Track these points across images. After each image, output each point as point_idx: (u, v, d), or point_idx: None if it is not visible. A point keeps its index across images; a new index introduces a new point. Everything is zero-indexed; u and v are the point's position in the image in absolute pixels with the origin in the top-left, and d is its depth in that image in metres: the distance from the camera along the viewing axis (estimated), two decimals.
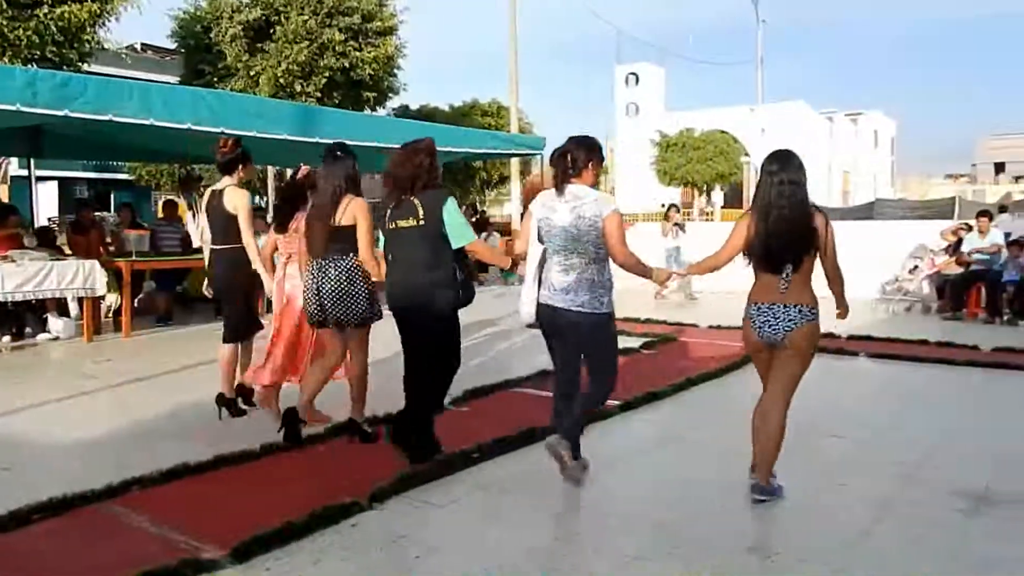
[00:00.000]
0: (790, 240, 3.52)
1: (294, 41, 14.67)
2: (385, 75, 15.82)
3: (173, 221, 11.05)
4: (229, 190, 5.12)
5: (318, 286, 4.33)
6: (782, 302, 3.58)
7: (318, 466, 4.25)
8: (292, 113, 8.88)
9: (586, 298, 3.70)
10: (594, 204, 3.68)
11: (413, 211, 3.95)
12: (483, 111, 20.58)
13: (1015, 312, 9.68)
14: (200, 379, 6.61)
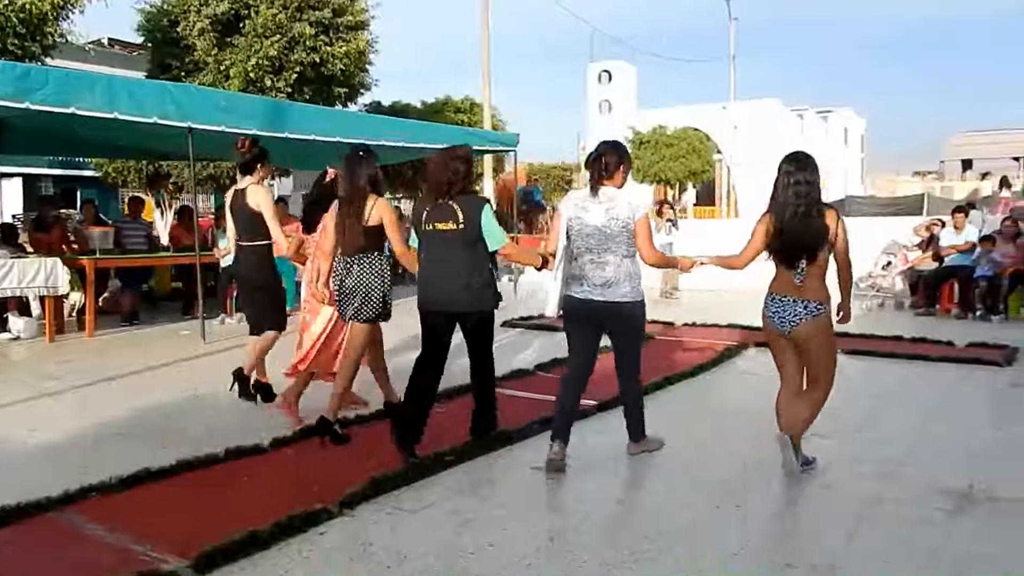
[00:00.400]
0: (804, 236, 3.75)
1: (264, 35, 14.36)
2: (356, 70, 15.54)
3: (139, 218, 10.77)
4: (251, 188, 5.30)
5: (341, 281, 4.49)
6: (795, 295, 3.83)
7: (286, 471, 4.09)
8: (261, 108, 8.67)
9: (627, 288, 3.97)
10: (627, 207, 3.94)
11: (453, 215, 4.11)
12: (456, 108, 20.34)
13: (987, 307, 9.75)
14: (165, 380, 6.43)
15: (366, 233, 4.41)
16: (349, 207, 4.45)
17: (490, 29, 18.44)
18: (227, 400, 5.69)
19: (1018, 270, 9.86)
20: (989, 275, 9.82)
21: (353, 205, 4.43)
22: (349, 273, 4.46)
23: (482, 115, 18.72)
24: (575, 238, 4.01)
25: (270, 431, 4.60)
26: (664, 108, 34.07)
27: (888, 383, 6.27)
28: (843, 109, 45.10)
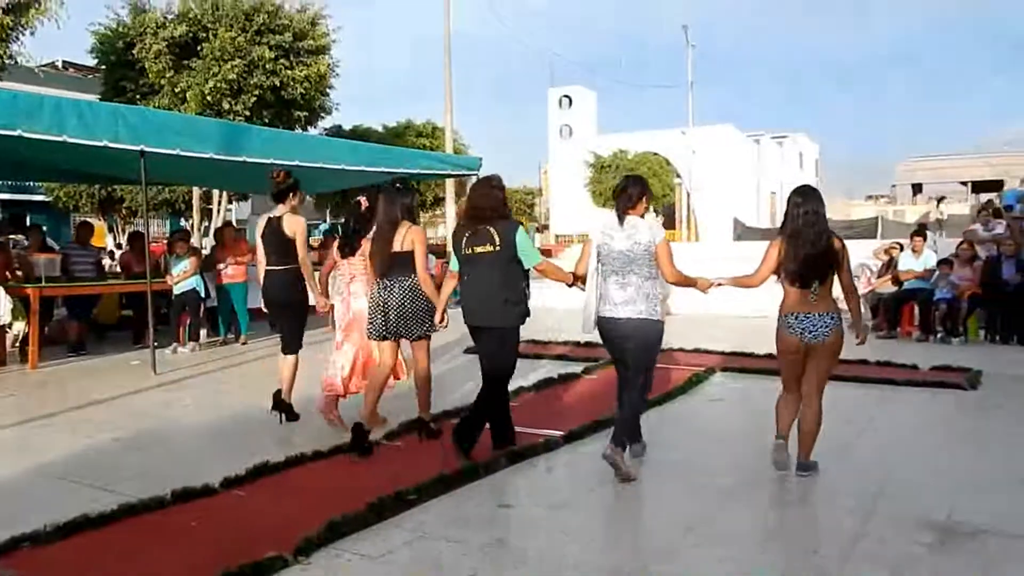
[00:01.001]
0: (816, 260, 4.18)
1: (222, 58, 14.10)
2: (317, 94, 15.35)
3: (88, 245, 10.36)
4: (287, 217, 5.71)
5: (384, 302, 4.92)
6: (815, 311, 4.23)
7: (237, 513, 3.83)
8: (219, 131, 8.40)
9: (643, 307, 4.34)
10: (648, 232, 4.37)
11: (490, 239, 4.56)
12: (418, 132, 20.24)
13: (947, 330, 9.80)
14: (112, 415, 6.10)
15: (399, 257, 4.88)
16: (384, 234, 4.93)
17: (451, 53, 18.39)
18: (178, 436, 5.41)
19: (975, 292, 9.94)
20: (948, 298, 9.88)
21: (387, 233, 4.91)
22: (391, 295, 4.90)
23: (444, 139, 18.59)
24: (603, 262, 4.45)
25: (221, 470, 4.33)
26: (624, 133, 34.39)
27: (858, 409, 6.19)
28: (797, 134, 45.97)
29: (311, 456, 4.69)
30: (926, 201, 55.85)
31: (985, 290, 9.85)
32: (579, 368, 7.66)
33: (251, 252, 11.05)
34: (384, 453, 4.90)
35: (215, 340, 10.10)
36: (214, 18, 14.59)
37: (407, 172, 10.74)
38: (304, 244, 5.71)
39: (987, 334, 9.91)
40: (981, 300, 9.89)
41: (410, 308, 4.91)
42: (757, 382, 7.13)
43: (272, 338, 10.59)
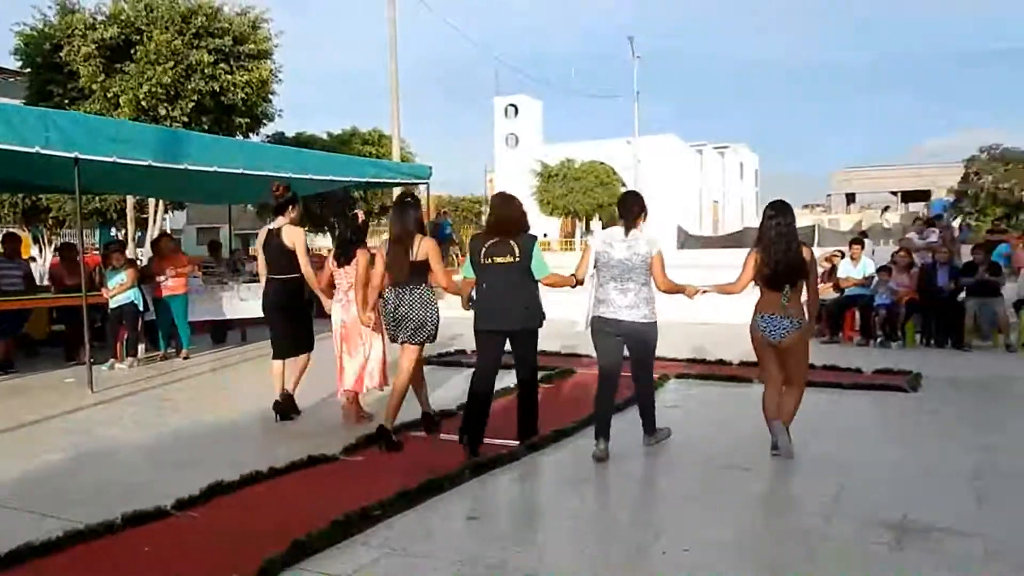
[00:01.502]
0: (787, 268, 4.73)
1: (157, 62, 13.75)
2: (259, 100, 15.08)
3: (15, 257, 9.95)
4: (286, 228, 6.07)
5: (395, 307, 5.27)
6: (782, 314, 4.80)
7: (192, 537, 3.71)
8: (156, 137, 8.16)
9: (646, 311, 4.86)
10: (645, 244, 4.87)
11: (511, 250, 4.95)
12: (364, 140, 20.04)
13: (886, 334, 10.14)
14: (49, 436, 5.86)
15: (414, 267, 5.22)
16: (399, 245, 5.25)
17: (397, 60, 18.29)
18: (123, 457, 5.23)
19: (913, 298, 10.32)
20: (887, 303, 10.22)
21: (403, 243, 5.24)
22: (401, 302, 5.25)
23: (390, 147, 18.47)
24: (602, 268, 4.90)
25: (173, 491, 4.19)
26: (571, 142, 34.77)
27: (809, 413, 6.29)
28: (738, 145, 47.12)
29: (267, 473, 4.58)
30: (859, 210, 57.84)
31: (921, 296, 10.22)
32: None
33: (191, 263, 10.79)
34: (342, 468, 4.83)
35: (155, 355, 9.80)
36: (148, 20, 14.24)
37: (356, 180, 10.64)
38: (304, 254, 6.03)
39: (923, 338, 10.27)
40: (918, 306, 10.26)
41: (419, 314, 5.26)
42: (711, 388, 7.27)
43: (215, 351, 10.37)
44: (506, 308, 4.97)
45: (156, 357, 9.73)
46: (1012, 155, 33.28)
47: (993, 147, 34.08)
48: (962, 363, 8.73)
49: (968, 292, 9.93)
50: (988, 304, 9.75)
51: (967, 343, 9.70)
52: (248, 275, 11.72)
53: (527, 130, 39.43)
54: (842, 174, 59.59)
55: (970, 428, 5.88)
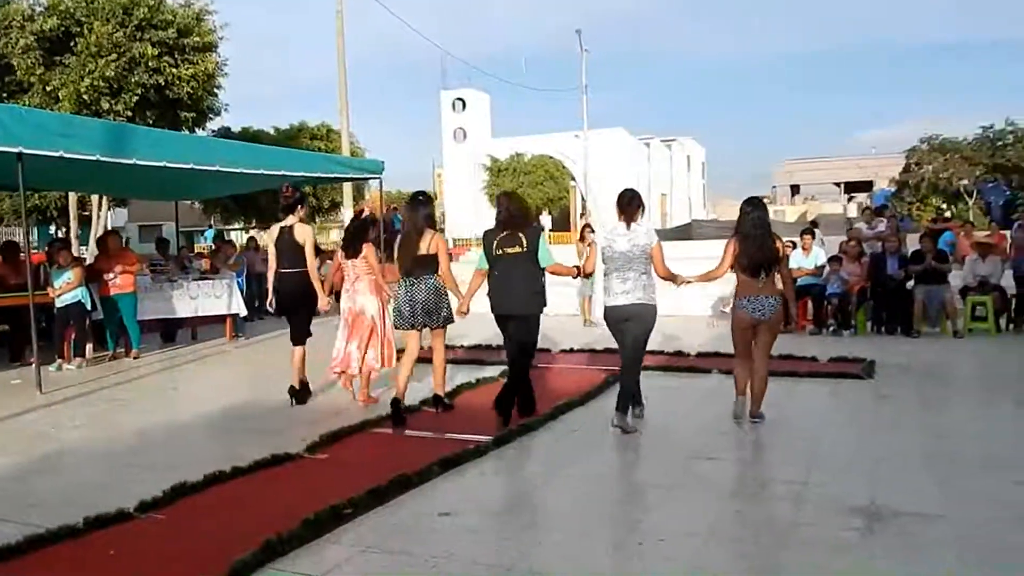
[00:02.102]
0: (763, 255, 5.42)
1: (99, 55, 13.33)
2: (204, 94, 14.74)
3: None
4: (297, 226, 6.52)
5: (411, 297, 5.81)
6: (761, 294, 5.47)
7: (158, 540, 3.59)
8: (103, 132, 7.89)
9: (641, 295, 5.36)
10: (645, 236, 5.39)
11: (519, 242, 5.57)
12: (312, 134, 19.74)
13: (839, 323, 10.37)
14: None
15: (425, 259, 5.76)
16: (410, 239, 5.80)
17: (345, 54, 18.04)
18: (78, 458, 5.07)
19: (863, 286, 10.57)
20: (839, 292, 10.45)
21: (414, 238, 5.78)
22: (417, 290, 5.79)
23: (339, 142, 18.23)
24: (607, 261, 5.43)
25: (134, 492, 4.07)
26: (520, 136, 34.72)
27: (769, 402, 6.42)
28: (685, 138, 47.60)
29: (231, 473, 4.48)
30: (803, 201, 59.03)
31: (872, 285, 10.48)
32: (495, 372, 7.66)
33: (139, 261, 10.51)
34: (307, 466, 4.75)
35: (103, 355, 9.52)
36: (88, 11, 13.81)
37: (308, 176, 10.46)
38: (312, 249, 6.49)
39: (874, 326, 10.54)
40: (868, 294, 10.51)
41: (433, 302, 5.79)
42: (670, 379, 7.33)
43: (166, 351, 10.13)
44: (515, 293, 5.58)
45: (105, 357, 9.45)
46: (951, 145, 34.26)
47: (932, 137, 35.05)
48: (912, 349, 8.98)
49: (916, 280, 10.21)
50: (936, 291, 10.03)
51: (916, 329, 9.98)
52: (197, 272, 11.47)
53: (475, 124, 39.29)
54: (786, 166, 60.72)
55: (924, 413, 6.05)
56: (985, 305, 10.22)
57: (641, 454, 4.98)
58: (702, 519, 3.73)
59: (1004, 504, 3.87)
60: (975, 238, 13.41)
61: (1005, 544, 3.40)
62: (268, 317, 13.70)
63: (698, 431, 5.48)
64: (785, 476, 4.37)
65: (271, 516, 3.73)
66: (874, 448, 4.96)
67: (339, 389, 6.90)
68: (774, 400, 6.45)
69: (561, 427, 5.68)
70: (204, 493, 4.20)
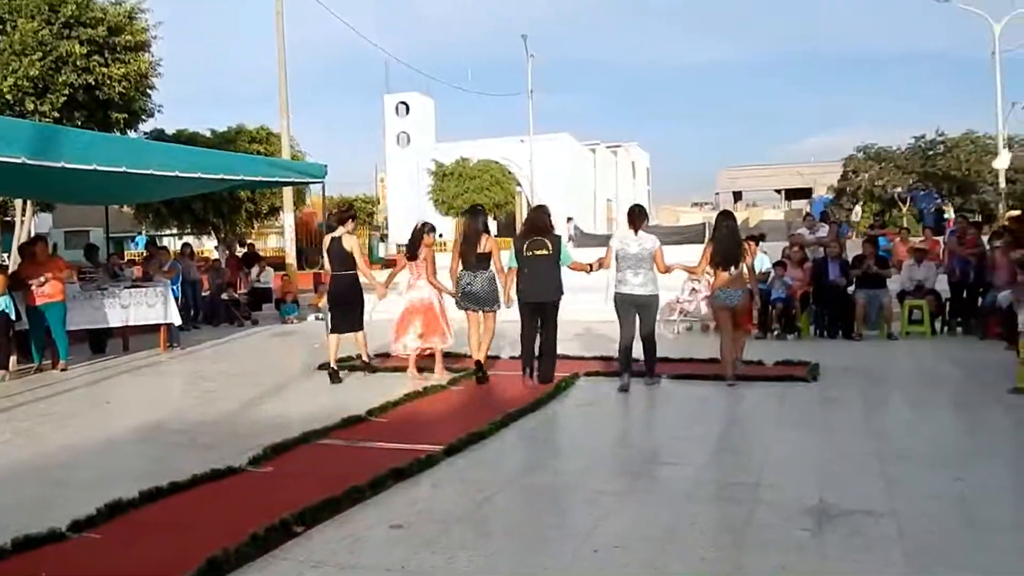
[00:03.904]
0: (733, 255, 7.34)
1: (23, 53, 12.87)
2: (137, 95, 14.34)
3: None
4: (345, 236, 8.01)
5: (469, 286, 7.57)
6: (733, 287, 7.38)
7: (95, 562, 3.44)
8: (29, 133, 7.60)
9: (652, 287, 7.22)
10: (651, 242, 7.20)
11: (545, 245, 7.29)
12: (251, 137, 19.33)
13: (783, 327, 10.60)
14: None
15: (481, 257, 7.54)
16: (469, 240, 7.60)
17: (285, 54, 17.78)
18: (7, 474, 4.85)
19: (806, 291, 10.84)
20: (783, 297, 10.67)
21: (472, 239, 7.57)
22: (477, 279, 7.55)
23: (280, 145, 17.94)
24: (621, 260, 7.18)
25: (66, 511, 3.90)
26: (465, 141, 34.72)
27: (719, 405, 6.56)
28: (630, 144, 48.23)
29: (169, 489, 4.34)
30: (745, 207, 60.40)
31: (815, 289, 10.75)
32: (443, 380, 7.61)
33: (69, 268, 10.15)
34: (251, 480, 4.63)
35: (28, 367, 9.15)
36: (12, 8, 13.34)
37: (248, 180, 10.25)
38: (361, 254, 8.10)
39: (817, 329, 10.81)
40: (811, 298, 10.78)
41: (488, 290, 7.55)
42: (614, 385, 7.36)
43: (95, 362, 9.83)
44: (543, 286, 7.28)
45: (30, 370, 9.09)
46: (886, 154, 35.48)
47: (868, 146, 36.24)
48: (854, 352, 9.24)
49: (857, 284, 10.51)
50: (876, 295, 10.35)
51: (858, 332, 10.27)
52: (129, 280, 11.15)
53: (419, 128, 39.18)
54: (729, 172, 62.07)
55: (868, 414, 6.21)
56: (921, 308, 10.59)
57: (596, 460, 4.99)
58: (659, 524, 3.76)
59: (946, 500, 4.02)
60: (911, 244, 13.90)
61: (948, 538, 3.52)
62: (204, 326, 13.51)
63: (652, 436, 5.55)
64: (737, 478, 4.44)
65: (214, 533, 3.62)
66: (821, 449, 5.08)
67: (282, 400, 6.78)
68: (725, 404, 6.59)
69: (513, 435, 5.66)
70: (142, 510, 4.05)
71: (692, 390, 7.16)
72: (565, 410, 6.50)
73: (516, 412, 6.14)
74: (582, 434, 5.79)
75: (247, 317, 14.54)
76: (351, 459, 5.08)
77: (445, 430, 5.61)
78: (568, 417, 6.30)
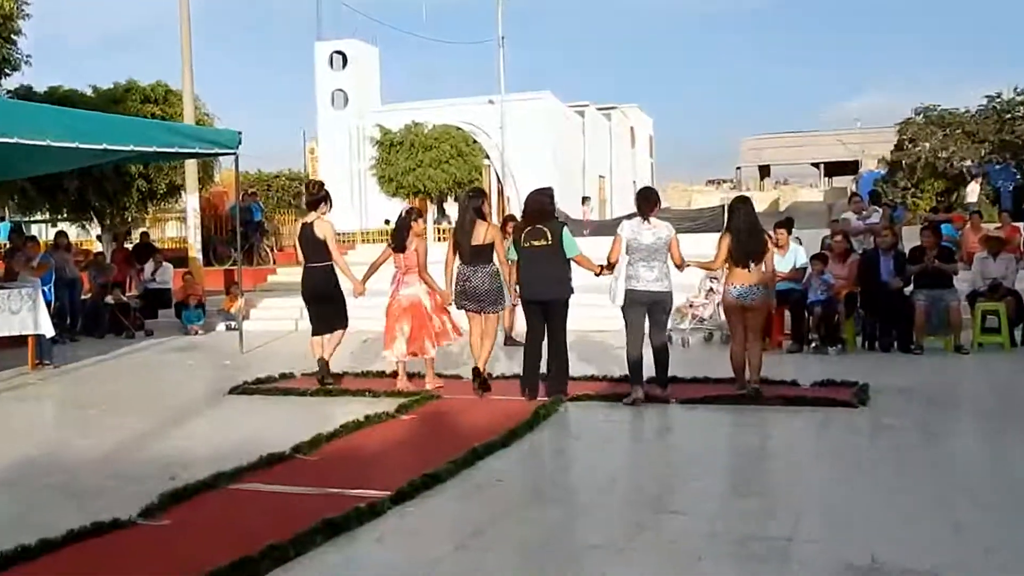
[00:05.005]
0: (751, 248, 7.73)
1: None
2: None
3: None
4: (317, 222, 8.60)
5: (467, 282, 8.08)
6: (749, 283, 7.75)
7: None
8: None
9: (666, 283, 7.74)
10: (665, 230, 7.77)
11: (544, 235, 7.77)
12: (145, 96, 19.08)
13: (823, 337, 10.65)
14: None
15: (478, 249, 8.05)
16: (464, 229, 8.13)
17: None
18: None
19: (852, 292, 10.90)
20: (822, 300, 10.71)
21: (467, 229, 8.09)
22: (474, 277, 8.06)
23: (181, 107, 17.80)
24: (632, 251, 7.63)
25: None
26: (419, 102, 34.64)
27: (743, 437, 6.61)
28: (629, 107, 48.34)
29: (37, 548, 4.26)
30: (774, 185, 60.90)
31: (863, 289, 10.82)
32: (391, 406, 7.58)
33: None
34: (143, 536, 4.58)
35: None
36: None
37: (140, 151, 10.18)
38: (334, 243, 8.64)
39: (865, 341, 10.91)
40: (859, 301, 10.84)
41: (488, 288, 8.04)
42: (615, 411, 7.41)
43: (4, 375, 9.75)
44: (542, 281, 7.77)
45: None
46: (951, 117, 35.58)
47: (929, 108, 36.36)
48: (912, 369, 9.38)
49: (916, 283, 10.59)
50: (940, 298, 10.42)
51: (917, 344, 10.37)
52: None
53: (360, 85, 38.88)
54: (753, 142, 62.36)
55: (929, 447, 6.30)
56: (998, 314, 10.68)
57: (584, 508, 5.00)
58: None
59: None
60: (984, 232, 14.04)
61: None
62: (85, 338, 13.37)
63: (656, 477, 5.55)
64: (768, 529, 4.46)
65: None
66: (871, 491, 5.12)
67: (184, 433, 6.79)
68: (749, 438, 6.63)
69: (479, 476, 5.64)
70: None
71: (707, 417, 7.22)
72: (546, 443, 6.52)
73: (483, 448, 6.11)
74: (567, 474, 5.82)
75: (139, 326, 14.48)
76: (271, 508, 5.07)
77: (393, 471, 5.61)
78: (550, 452, 6.33)
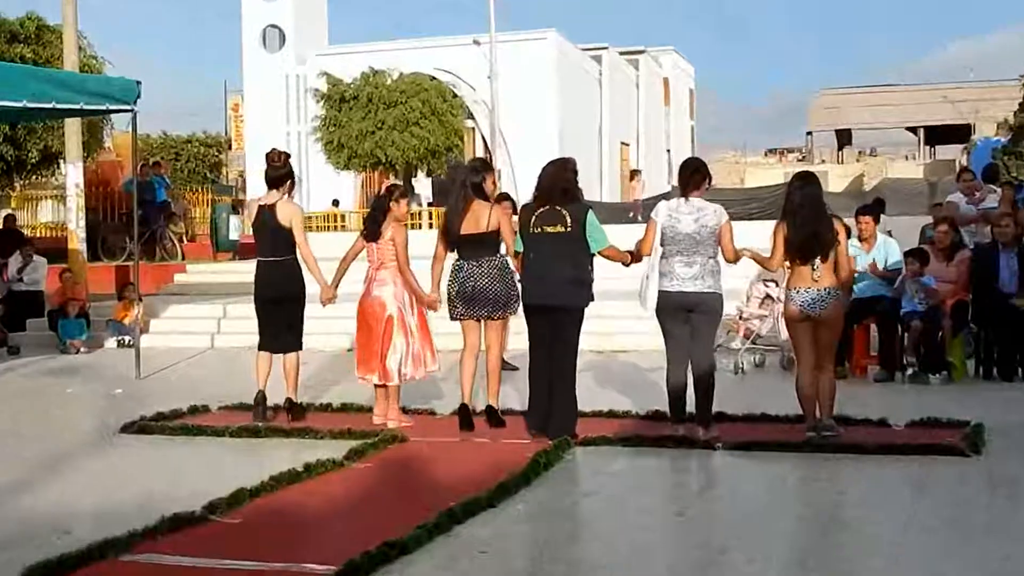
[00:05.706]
0: (815, 239, 7.50)
1: None
2: None
3: None
4: (281, 204, 8.65)
5: (469, 279, 8.08)
6: (816, 287, 7.55)
7: None
8: None
9: (711, 282, 7.71)
10: (714, 215, 7.71)
11: (561, 219, 7.62)
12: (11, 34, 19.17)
13: (922, 361, 10.61)
14: None
15: (477, 239, 8.03)
16: (457, 210, 8.14)
17: None
18: None
19: (961, 301, 10.84)
20: (922, 312, 10.64)
21: (460, 208, 8.13)
22: (478, 273, 8.05)
23: (60, 48, 17.83)
24: (668, 242, 7.62)
25: None
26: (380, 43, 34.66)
27: (813, 497, 6.59)
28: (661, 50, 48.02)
29: None
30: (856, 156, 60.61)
31: (976, 297, 10.76)
32: (339, 451, 7.57)
33: None
34: None
35: None
36: None
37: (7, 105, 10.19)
38: (303, 232, 8.71)
39: (980, 366, 10.85)
40: (970, 313, 10.79)
41: (499, 287, 8.04)
42: (639, 458, 7.40)
43: None
44: (551, 281, 7.62)
45: None
46: None
47: None
48: None
49: None
50: None
51: None
52: None
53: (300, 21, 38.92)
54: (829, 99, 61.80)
55: None
56: None
57: None
58: None
59: None
60: None
61: None
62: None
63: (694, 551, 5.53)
64: None
65: None
66: (988, 565, 5.12)
67: (62, 484, 6.94)
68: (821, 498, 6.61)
69: (457, 546, 5.63)
70: None
71: (764, 469, 7.27)
72: (547, 503, 6.49)
73: (463, 508, 6.09)
74: (574, 546, 5.83)
75: (2, 342, 14.45)
76: None
77: (340, 537, 5.67)
78: (551, 515, 6.30)
